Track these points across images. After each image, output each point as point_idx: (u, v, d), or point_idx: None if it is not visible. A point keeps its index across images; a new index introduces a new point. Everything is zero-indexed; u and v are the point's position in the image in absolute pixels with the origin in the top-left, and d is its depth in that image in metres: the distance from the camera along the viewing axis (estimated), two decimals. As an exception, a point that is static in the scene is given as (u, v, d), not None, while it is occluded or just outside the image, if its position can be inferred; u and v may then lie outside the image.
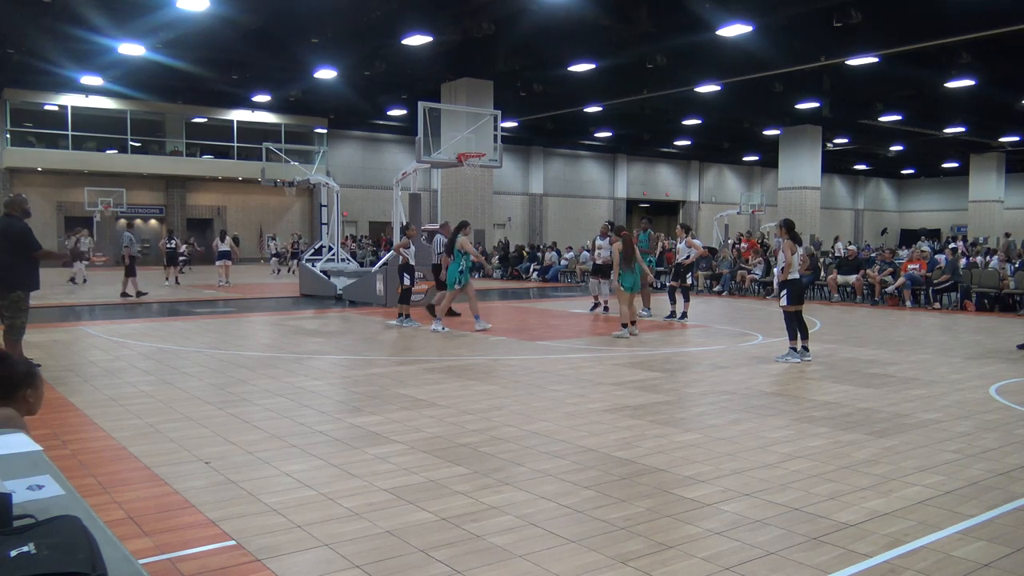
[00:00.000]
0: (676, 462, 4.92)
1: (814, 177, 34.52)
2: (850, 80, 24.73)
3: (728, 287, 19.86)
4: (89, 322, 12.73)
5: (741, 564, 3.39)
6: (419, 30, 19.21)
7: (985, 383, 7.77)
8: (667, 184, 48.70)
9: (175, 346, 9.99)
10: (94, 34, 19.29)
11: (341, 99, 29.07)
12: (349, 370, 8.40)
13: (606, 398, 6.91)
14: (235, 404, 6.55)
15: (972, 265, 18.02)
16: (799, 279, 9.33)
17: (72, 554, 1.23)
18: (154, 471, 4.65)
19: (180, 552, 3.46)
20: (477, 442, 5.37)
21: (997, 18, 16.75)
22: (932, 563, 3.42)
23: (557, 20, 18.80)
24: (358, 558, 3.41)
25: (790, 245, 9.15)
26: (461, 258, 11.72)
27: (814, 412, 6.39)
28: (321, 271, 18.43)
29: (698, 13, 17.49)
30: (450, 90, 25.12)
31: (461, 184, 26.10)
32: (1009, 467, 4.89)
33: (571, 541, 3.63)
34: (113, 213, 32.15)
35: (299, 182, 24.31)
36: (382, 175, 35.48)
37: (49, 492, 1.61)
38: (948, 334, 12.03)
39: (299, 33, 20.14)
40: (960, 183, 45.99)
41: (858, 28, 17.30)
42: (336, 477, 4.58)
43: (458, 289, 11.78)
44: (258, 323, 13.29)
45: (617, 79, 24.31)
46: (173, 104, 32.04)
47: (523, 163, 42.72)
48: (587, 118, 32.46)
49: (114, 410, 6.29)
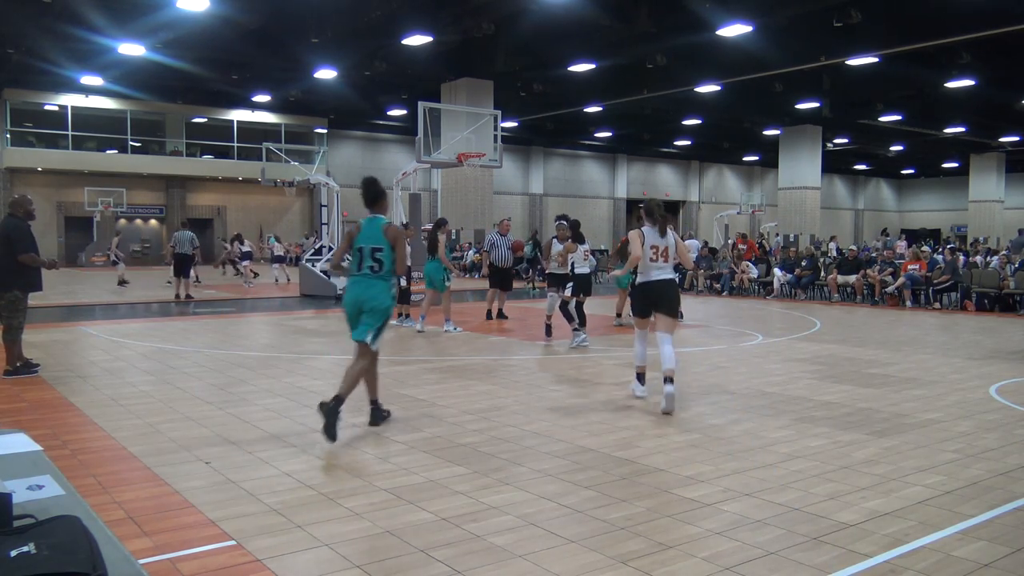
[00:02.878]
0: (676, 462, 4.92)
1: (814, 177, 34.52)
2: (850, 80, 24.73)
3: (728, 287, 19.86)
4: (89, 322, 12.72)
5: (741, 564, 3.39)
6: (419, 30, 19.21)
7: (985, 383, 7.77)
8: (667, 184, 48.69)
9: (175, 346, 9.99)
10: (94, 34, 19.29)
11: (341, 99, 29.08)
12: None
13: (606, 398, 6.91)
14: (235, 404, 6.55)
15: (972, 265, 18.02)
16: (587, 273, 10.36)
17: (72, 554, 1.23)
18: (154, 471, 4.65)
19: (180, 552, 3.46)
20: (477, 442, 5.37)
21: (997, 18, 16.76)
22: (932, 563, 3.42)
23: (557, 20, 18.81)
24: (358, 558, 3.41)
25: (571, 247, 10.24)
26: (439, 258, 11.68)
27: (814, 412, 6.39)
28: (321, 271, 18.43)
29: (698, 13, 17.50)
30: (450, 90, 25.12)
31: (461, 184, 26.11)
32: (1009, 467, 4.89)
33: (571, 541, 3.63)
34: (113, 213, 32.16)
35: (299, 182, 24.32)
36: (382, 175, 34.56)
37: (49, 492, 1.61)
38: (948, 334, 12.03)
39: (299, 33, 20.14)
40: (960, 183, 45.98)
41: (858, 28, 17.31)
42: (336, 477, 4.58)
43: (450, 287, 11.76)
44: (258, 323, 13.29)
45: (617, 79, 24.31)
46: (173, 104, 32.04)
47: (523, 163, 42.72)
48: (587, 118, 32.47)
49: (114, 410, 6.29)
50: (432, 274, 11.61)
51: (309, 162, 29.74)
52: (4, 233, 7.60)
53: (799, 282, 18.65)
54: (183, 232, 17.13)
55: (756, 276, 19.79)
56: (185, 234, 17.05)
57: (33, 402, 6.62)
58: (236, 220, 35.81)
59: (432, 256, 11.69)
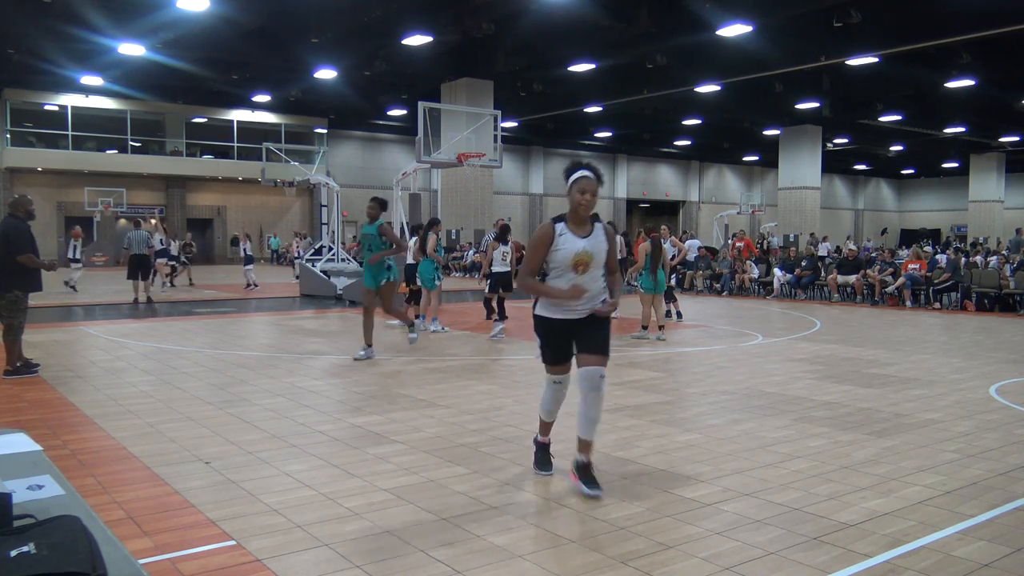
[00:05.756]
0: (676, 462, 4.92)
1: (814, 177, 34.52)
2: (850, 80, 24.73)
3: (728, 287, 19.87)
4: (89, 322, 12.73)
5: (741, 564, 3.39)
6: (419, 30, 19.22)
7: (985, 383, 7.77)
8: (667, 184, 48.71)
9: (175, 346, 9.99)
10: (94, 34, 19.29)
11: (341, 99, 29.08)
12: (349, 370, 8.40)
13: (606, 398, 6.90)
14: (235, 404, 6.55)
15: (972, 265, 18.03)
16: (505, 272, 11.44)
17: (72, 554, 1.23)
18: (154, 471, 4.65)
19: (180, 552, 3.46)
20: (477, 442, 5.37)
21: (997, 18, 16.76)
22: (932, 563, 3.42)
23: (557, 20, 18.81)
24: (358, 558, 3.41)
25: (493, 245, 11.51)
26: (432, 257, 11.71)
27: (814, 412, 6.39)
28: (321, 271, 18.44)
29: (698, 13, 17.50)
30: (450, 90, 25.12)
31: (461, 184, 26.11)
32: (1009, 467, 4.89)
33: (571, 541, 3.63)
34: (113, 213, 32.16)
35: (299, 182, 24.31)
36: (382, 175, 35.49)
37: (49, 492, 1.60)
38: (948, 334, 12.03)
39: (299, 33, 20.15)
40: (960, 183, 45.98)
41: (858, 28, 17.31)
42: (336, 477, 4.58)
43: (439, 286, 11.79)
44: (258, 323, 13.29)
45: (617, 79, 24.31)
46: (173, 104, 32.06)
47: (523, 163, 42.73)
48: (587, 118, 32.47)
49: (114, 410, 6.29)
50: (423, 272, 11.66)
51: (309, 162, 29.76)
52: (3, 233, 7.60)
53: (799, 282, 18.65)
54: (138, 232, 16.25)
55: (756, 276, 19.80)
56: (140, 234, 16.25)
57: (33, 402, 6.62)
58: (236, 220, 35.83)
59: (424, 255, 11.73)
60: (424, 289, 11.80)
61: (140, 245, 16.17)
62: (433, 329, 11.50)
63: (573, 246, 4.21)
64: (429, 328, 11.54)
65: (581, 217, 4.27)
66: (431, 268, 11.60)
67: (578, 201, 4.20)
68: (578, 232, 4.25)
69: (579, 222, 4.28)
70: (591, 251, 4.23)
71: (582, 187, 4.20)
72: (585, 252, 4.21)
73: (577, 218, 4.28)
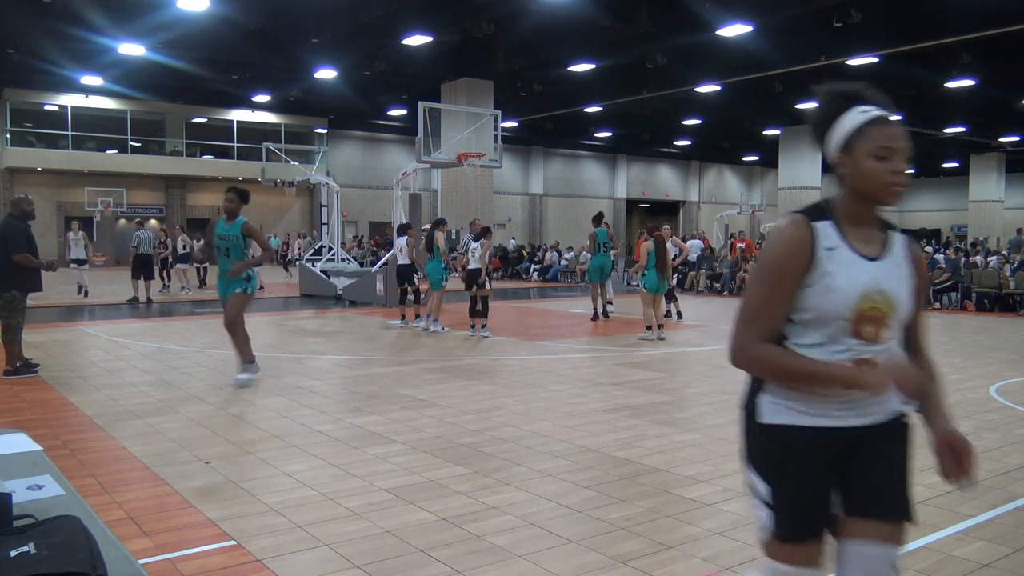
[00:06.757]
0: (676, 462, 4.92)
1: (814, 177, 34.50)
2: (850, 80, 24.63)
3: (729, 287, 19.87)
4: (89, 322, 12.73)
5: (741, 564, 3.39)
6: (419, 30, 19.21)
7: (985, 383, 7.77)
8: (667, 184, 48.69)
9: (175, 346, 9.99)
10: (94, 34, 19.28)
11: (341, 99, 29.06)
12: (349, 370, 8.40)
13: (606, 398, 6.90)
14: (235, 404, 6.55)
15: (972, 265, 18.03)
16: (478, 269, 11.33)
17: (72, 554, 1.23)
18: (154, 471, 4.65)
19: (180, 552, 3.46)
20: (477, 442, 5.37)
21: (997, 18, 16.74)
22: (932, 563, 3.42)
23: (557, 20, 18.80)
24: (358, 558, 3.41)
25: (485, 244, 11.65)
26: (440, 256, 11.69)
27: (814, 412, 6.37)
28: (321, 271, 18.44)
29: (698, 13, 17.49)
30: (450, 90, 25.11)
31: (461, 184, 26.09)
32: (1009, 467, 4.89)
33: (571, 541, 3.63)
34: (113, 213, 32.15)
35: (299, 182, 24.29)
36: (382, 175, 35.48)
37: (49, 492, 1.61)
38: (948, 334, 12.02)
39: (299, 33, 20.13)
40: (960, 183, 45.96)
41: (858, 28, 17.29)
42: (336, 477, 4.57)
43: (444, 288, 11.78)
44: (258, 323, 13.27)
45: (617, 79, 24.30)
46: (173, 104, 32.03)
47: (523, 163, 42.71)
48: (587, 118, 32.45)
49: (114, 410, 6.29)
50: (431, 273, 11.66)
51: (309, 162, 29.72)
52: (0, 234, 7.61)
53: (799, 282, 18.62)
54: (144, 232, 16.41)
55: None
56: (147, 234, 16.41)
57: (33, 402, 6.62)
58: (236, 220, 35.77)
59: (431, 255, 11.73)
60: (431, 291, 11.83)
61: (147, 245, 16.29)
62: (433, 329, 11.51)
63: (856, 275, 1.93)
64: (431, 328, 11.55)
65: (871, 213, 2.02)
66: (439, 268, 11.59)
67: (880, 174, 1.96)
68: (863, 246, 1.98)
69: (865, 222, 2.01)
70: (888, 290, 1.96)
71: (889, 139, 2.05)
72: (880, 291, 1.94)
73: (865, 213, 2.01)
